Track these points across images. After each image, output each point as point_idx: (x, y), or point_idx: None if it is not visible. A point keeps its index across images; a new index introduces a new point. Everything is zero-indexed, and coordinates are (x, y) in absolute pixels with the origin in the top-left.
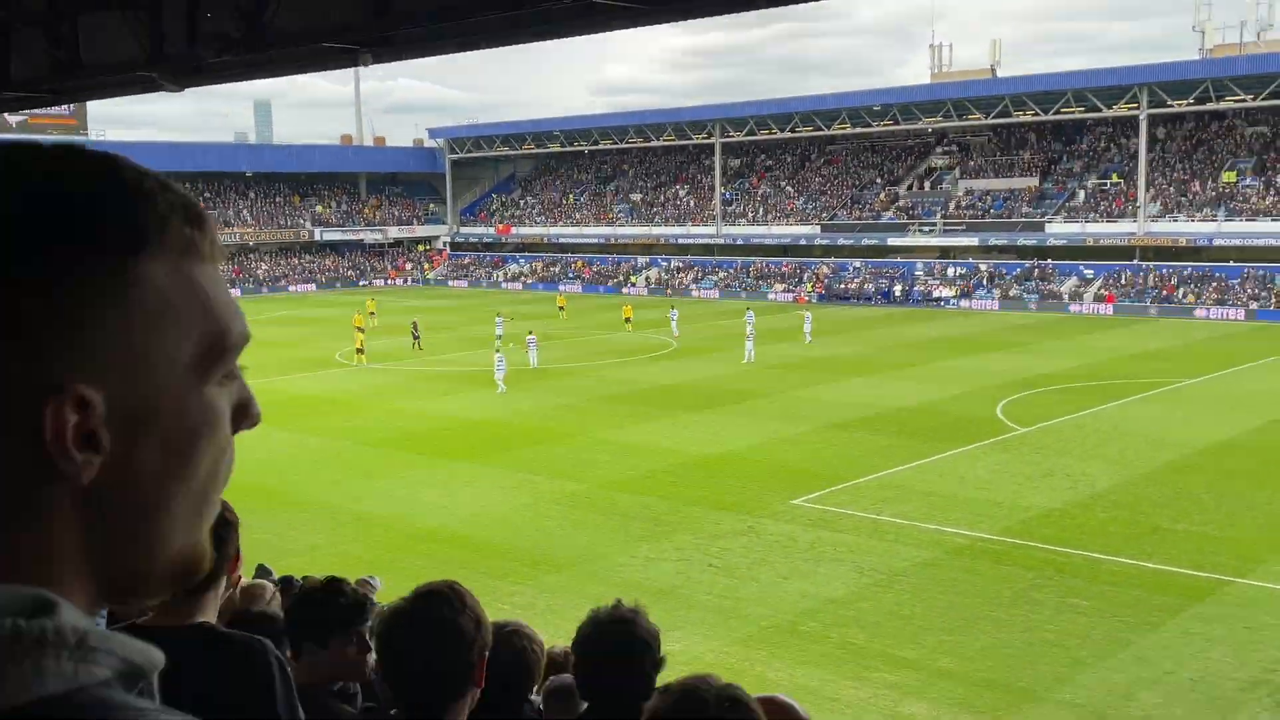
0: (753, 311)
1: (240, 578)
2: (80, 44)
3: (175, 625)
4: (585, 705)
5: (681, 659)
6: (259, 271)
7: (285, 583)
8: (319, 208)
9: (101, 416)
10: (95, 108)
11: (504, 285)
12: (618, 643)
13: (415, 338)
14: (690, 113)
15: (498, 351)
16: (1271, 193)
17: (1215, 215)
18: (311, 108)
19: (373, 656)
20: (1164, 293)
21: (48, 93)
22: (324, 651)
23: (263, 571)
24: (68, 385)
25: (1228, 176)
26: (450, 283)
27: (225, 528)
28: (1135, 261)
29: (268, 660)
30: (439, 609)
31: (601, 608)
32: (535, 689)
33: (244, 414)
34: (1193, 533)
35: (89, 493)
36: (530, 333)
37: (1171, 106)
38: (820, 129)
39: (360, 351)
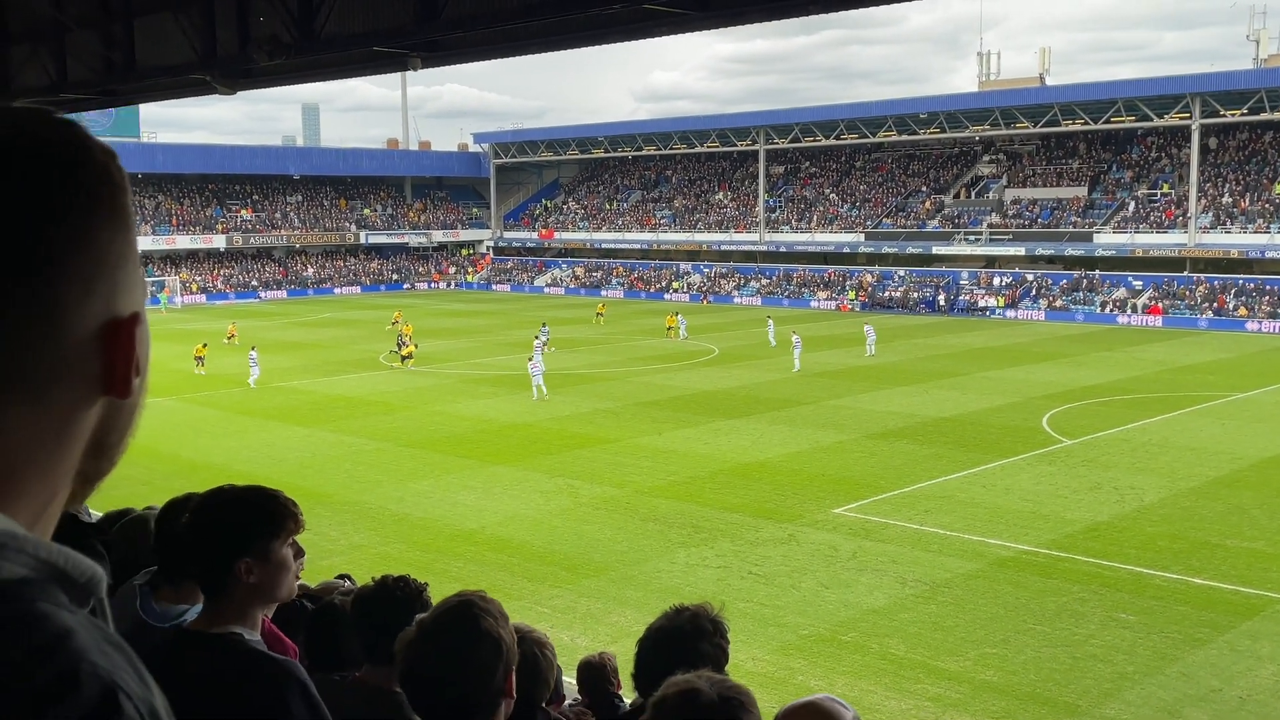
0: (772, 320)
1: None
2: (135, 46)
3: (206, 630)
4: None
5: None
6: (306, 274)
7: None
8: (365, 211)
9: (139, 337)
10: (146, 109)
11: (547, 290)
12: (683, 635)
13: (401, 345)
14: (735, 119)
15: (531, 359)
16: None
17: (1268, 227)
18: (359, 112)
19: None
20: (1215, 305)
21: (102, 94)
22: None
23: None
24: (135, 311)
25: None
26: (493, 286)
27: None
28: (1185, 273)
29: (287, 685)
30: (454, 644)
31: (684, 612)
32: (548, 695)
33: None
34: (1242, 549)
35: (114, 406)
36: (537, 336)
37: (1224, 116)
38: (866, 136)
39: (408, 357)
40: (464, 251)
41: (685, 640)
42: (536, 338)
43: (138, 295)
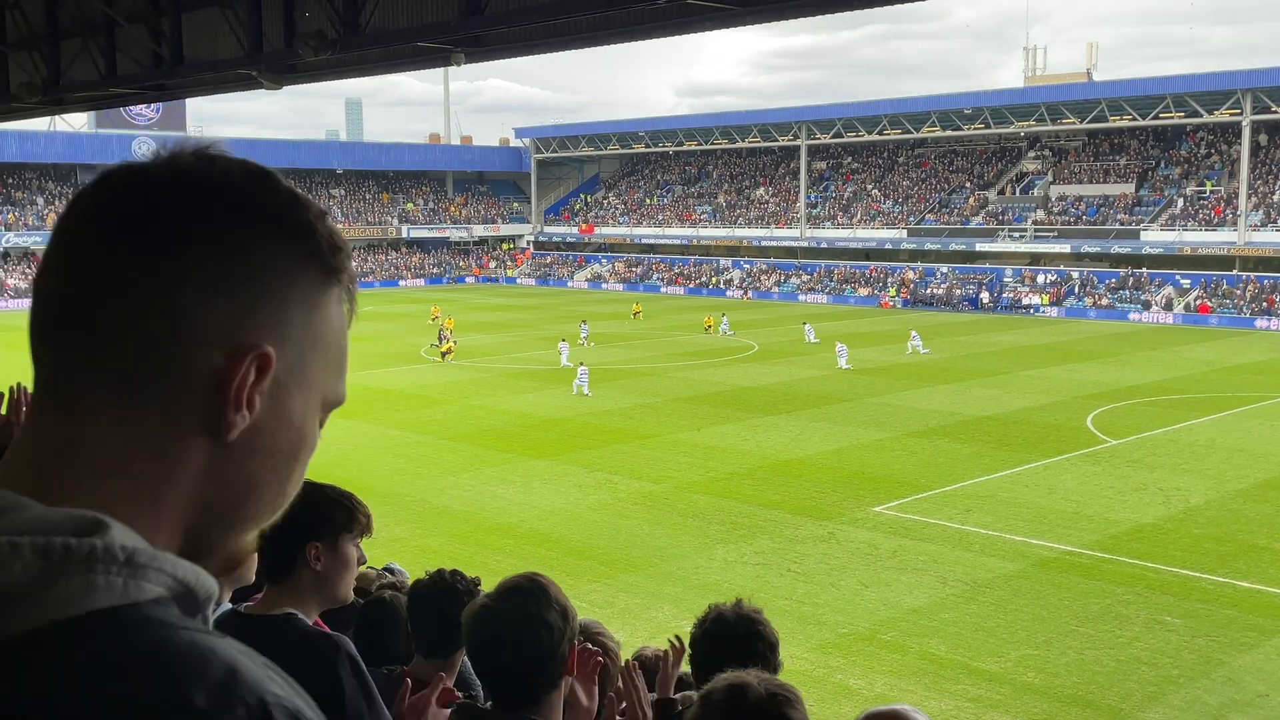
0: (810, 325)
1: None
2: (183, 41)
3: (265, 614)
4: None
5: None
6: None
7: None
8: (407, 205)
9: (265, 387)
10: (193, 104)
11: (588, 286)
12: (743, 640)
13: (441, 340)
14: (776, 114)
15: (581, 365)
16: None
17: None
18: (401, 107)
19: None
20: (1265, 304)
21: (150, 88)
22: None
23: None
24: (262, 347)
25: None
26: (532, 281)
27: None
28: (1235, 272)
29: (338, 659)
30: (524, 605)
31: (725, 604)
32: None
33: None
34: None
35: (222, 451)
36: (563, 340)
37: (1276, 112)
38: (909, 131)
39: (448, 352)
40: (504, 246)
41: (751, 622)
42: (563, 340)
43: (282, 334)
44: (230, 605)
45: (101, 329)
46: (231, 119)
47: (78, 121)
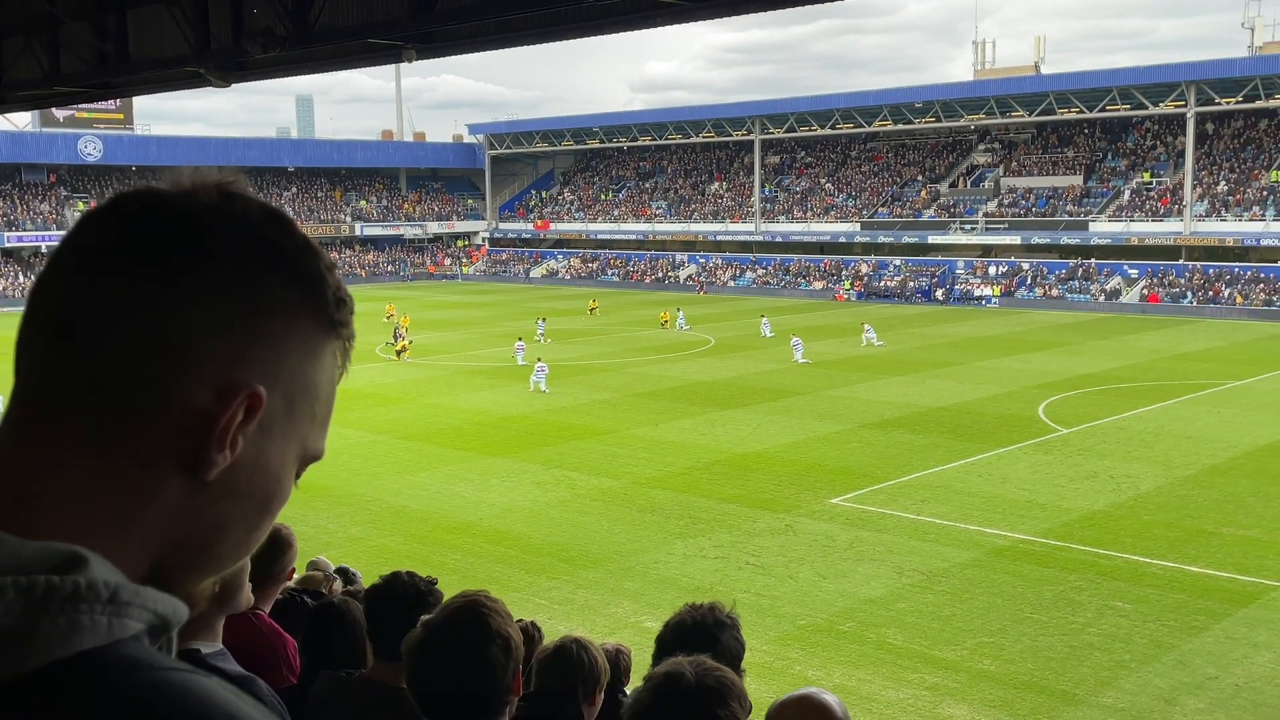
0: (767, 318)
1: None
2: (128, 38)
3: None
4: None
5: None
6: None
7: (342, 574)
8: (360, 203)
9: (251, 429)
10: (140, 102)
11: (542, 282)
12: (705, 628)
13: (397, 338)
14: (730, 109)
15: (539, 361)
16: None
17: (1263, 215)
18: (353, 103)
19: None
20: (1210, 293)
21: (95, 87)
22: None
23: (343, 574)
24: (255, 388)
25: (1276, 176)
26: (487, 278)
27: (275, 547)
28: (1181, 261)
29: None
30: (464, 643)
31: (701, 607)
32: (589, 699)
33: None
34: (1238, 537)
35: (197, 489)
36: (519, 339)
37: (1219, 104)
38: (861, 126)
39: (402, 350)
40: (459, 243)
41: (708, 633)
42: (519, 340)
43: (274, 378)
44: None
45: (93, 351)
46: (180, 117)
47: (21, 120)
